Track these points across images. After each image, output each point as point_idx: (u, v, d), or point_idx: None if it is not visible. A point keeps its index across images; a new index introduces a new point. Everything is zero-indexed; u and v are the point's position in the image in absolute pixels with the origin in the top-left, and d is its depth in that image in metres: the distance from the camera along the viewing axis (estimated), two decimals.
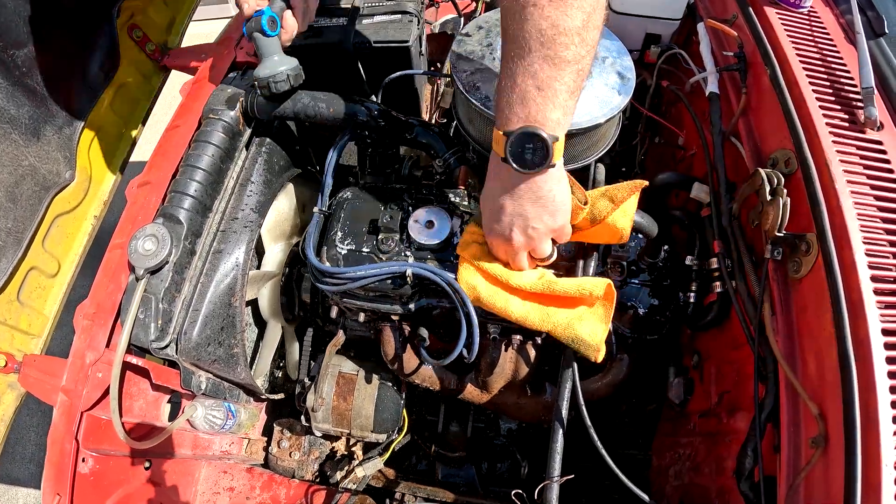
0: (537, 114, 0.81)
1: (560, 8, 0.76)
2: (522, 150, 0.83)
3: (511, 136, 0.83)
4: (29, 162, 1.22)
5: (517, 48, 0.80)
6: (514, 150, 0.83)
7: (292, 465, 1.40)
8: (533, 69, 0.79)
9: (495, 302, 1.04)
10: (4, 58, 1.18)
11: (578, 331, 1.01)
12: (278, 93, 1.13)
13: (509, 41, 0.82)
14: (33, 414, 2.71)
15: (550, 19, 0.76)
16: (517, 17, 0.78)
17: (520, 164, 0.84)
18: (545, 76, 0.79)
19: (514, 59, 0.81)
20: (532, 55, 0.79)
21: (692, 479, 1.20)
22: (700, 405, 1.21)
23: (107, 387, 1.12)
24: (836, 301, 0.85)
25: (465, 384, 1.31)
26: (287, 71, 1.12)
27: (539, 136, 0.81)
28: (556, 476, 1.06)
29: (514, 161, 0.84)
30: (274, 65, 1.11)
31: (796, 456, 0.89)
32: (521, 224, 0.92)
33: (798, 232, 0.95)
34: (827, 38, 1.10)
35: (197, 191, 1.18)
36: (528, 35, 0.78)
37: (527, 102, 0.81)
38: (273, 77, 1.11)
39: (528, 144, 0.83)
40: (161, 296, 1.13)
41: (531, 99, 0.81)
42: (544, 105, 0.81)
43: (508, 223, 0.93)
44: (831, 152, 0.96)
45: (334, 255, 1.18)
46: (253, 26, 1.08)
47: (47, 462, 1.12)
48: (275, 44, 1.11)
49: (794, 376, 0.90)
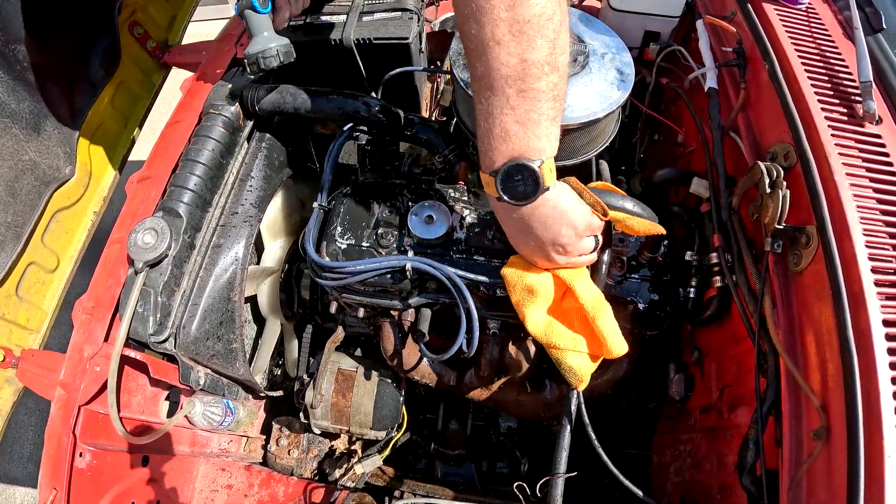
0: (521, 146, 0.81)
1: (523, 42, 0.75)
2: (513, 183, 0.83)
3: (498, 175, 0.83)
4: (29, 156, 1.22)
5: (488, 87, 0.79)
6: (506, 185, 0.84)
7: (291, 463, 1.39)
8: (510, 105, 0.78)
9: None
10: (6, 52, 1.18)
11: (569, 360, 1.02)
12: (268, 69, 1.11)
13: (479, 81, 0.80)
14: (31, 413, 2.71)
15: (517, 54, 0.75)
16: (482, 56, 0.77)
17: (515, 198, 0.85)
18: (523, 110, 0.79)
19: (487, 99, 0.80)
20: (506, 91, 0.78)
21: (693, 475, 1.19)
22: (701, 401, 1.20)
23: (104, 381, 1.12)
24: (837, 293, 0.86)
25: (465, 381, 1.30)
26: (277, 47, 1.11)
27: (525, 165, 0.81)
28: (562, 472, 1.06)
29: (509, 196, 0.84)
30: (264, 41, 1.10)
31: (798, 448, 0.88)
32: (549, 246, 0.93)
33: (798, 224, 0.96)
34: (825, 34, 1.11)
35: (197, 185, 1.18)
36: (497, 73, 0.77)
37: (508, 139, 0.81)
38: (262, 53, 1.09)
39: (517, 177, 0.82)
40: (160, 289, 1.12)
41: (512, 134, 0.80)
42: (526, 138, 0.80)
43: (544, 253, 0.95)
44: (830, 146, 0.96)
45: (334, 250, 1.18)
46: (244, 3, 1.08)
47: (44, 456, 1.12)
48: (265, 21, 1.11)
49: (796, 369, 0.90)
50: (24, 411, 2.72)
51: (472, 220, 1.17)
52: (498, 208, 0.93)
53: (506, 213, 0.92)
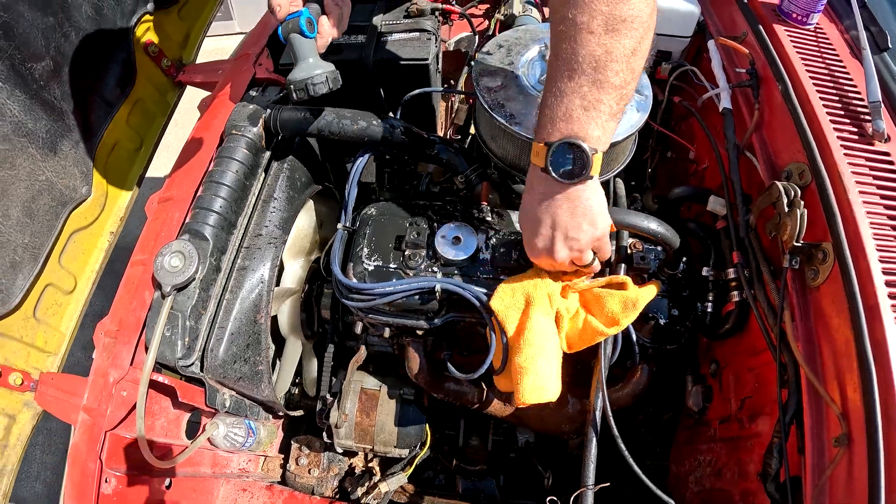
0: (580, 130, 0.89)
1: (615, 37, 0.84)
2: (563, 160, 0.90)
3: (552, 146, 0.90)
4: (46, 177, 1.25)
5: (568, 69, 0.87)
6: (556, 159, 0.90)
7: (311, 482, 1.43)
8: (582, 91, 0.86)
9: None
10: (23, 70, 1.20)
11: (539, 364, 1.07)
12: (316, 96, 1.12)
13: (560, 61, 0.88)
14: (39, 432, 2.68)
15: (605, 46, 0.84)
16: (571, 40, 0.85)
17: (559, 174, 0.91)
18: (592, 98, 0.87)
19: (562, 79, 0.88)
20: (582, 77, 0.86)
21: (713, 484, 1.26)
22: (720, 412, 1.28)
23: (131, 405, 1.15)
24: (854, 306, 0.93)
25: (489, 397, 1.36)
26: (325, 73, 1.12)
27: (580, 146, 0.89)
28: (591, 484, 1.13)
29: (554, 170, 0.91)
30: (311, 67, 1.11)
31: (820, 455, 0.95)
32: (561, 235, 0.97)
33: (814, 241, 1.04)
34: (833, 53, 1.20)
35: (222, 207, 1.21)
36: (582, 59, 0.85)
37: (571, 119, 0.88)
38: (311, 79, 1.10)
39: (569, 154, 0.90)
40: (188, 313, 1.16)
41: (576, 117, 0.88)
42: (588, 123, 0.88)
43: (549, 235, 0.98)
44: (843, 165, 1.04)
45: (361, 272, 1.22)
46: (290, 27, 1.09)
47: (68, 482, 1.14)
48: (312, 46, 1.12)
49: (817, 379, 0.97)
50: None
51: (496, 240, 1.22)
52: (534, 182, 0.98)
53: (540, 188, 0.96)
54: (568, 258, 1.01)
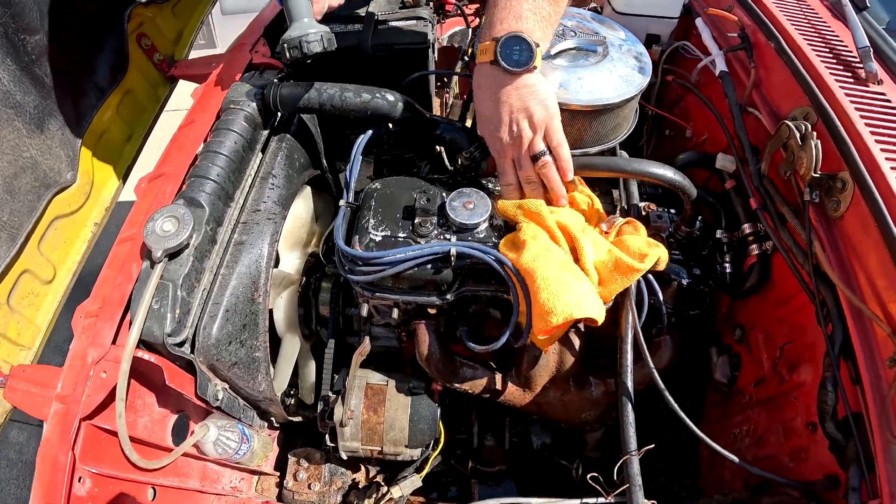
0: (525, 27, 1.01)
1: None
2: (510, 51, 1.00)
3: (500, 40, 1.00)
4: (30, 154, 1.18)
5: None
6: (504, 51, 1.00)
7: (312, 498, 1.28)
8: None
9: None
10: (15, 41, 1.17)
11: (563, 276, 1.03)
12: (310, 54, 1.12)
13: None
14: (13, 466, 2.39)
15: None
16: None
17: (508, 63, 1.00)
18: (537, 2, 1.01)
19: None
20: None
21: (756, 453, 1.19)
22: (753, 376, 1.23)
23: (111, 389, 1.01)
24: (884, 221, 0.94)
25: (506, 383, 1.28)
26: (320, 32, 1.13)
27: (525, 39, 1.00)
28: (633, 449, 1.05)
29: (504, 60, 1.00)
30: (305, 26, 1.13)
31: (878, 379, 0.92)
32: (523, 117, 1.05)
33: (830, 172, 1.06)
34: (817, 15, 1.30)
35: (220, 175, 1.16)
36: None
37: (520, 19, 1.01)
38: (305, 37, 1.11)
39: (516, 46, 1.00)
40: (179, 282, 1.06)
41: (525, 17, 1.01)
42: (533, 24, 1.01)
43: (507, 117, 1.06)
44: (845, 102, 1.10)
45: (368, 243, 1.16)
46: None
47: (36, 480, 0.97)
48: (307, 7, 1.15)
49: (860, 300, 0.96)
50: (4, 464, 2.42)
51: None
52: (482, 80, 1.06)
53: (489, 84, 1.05)
54: (527, 138, 1.07)
